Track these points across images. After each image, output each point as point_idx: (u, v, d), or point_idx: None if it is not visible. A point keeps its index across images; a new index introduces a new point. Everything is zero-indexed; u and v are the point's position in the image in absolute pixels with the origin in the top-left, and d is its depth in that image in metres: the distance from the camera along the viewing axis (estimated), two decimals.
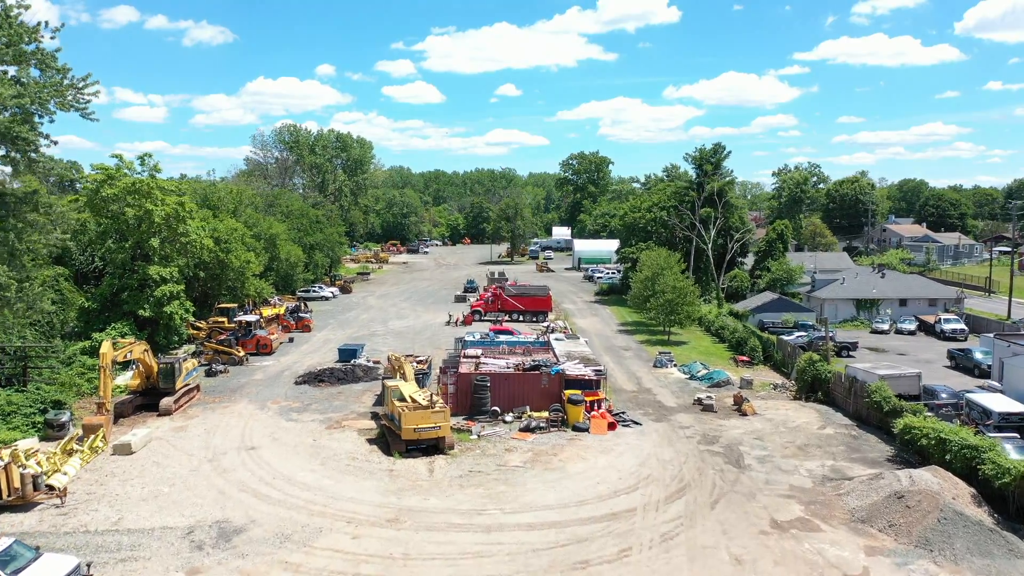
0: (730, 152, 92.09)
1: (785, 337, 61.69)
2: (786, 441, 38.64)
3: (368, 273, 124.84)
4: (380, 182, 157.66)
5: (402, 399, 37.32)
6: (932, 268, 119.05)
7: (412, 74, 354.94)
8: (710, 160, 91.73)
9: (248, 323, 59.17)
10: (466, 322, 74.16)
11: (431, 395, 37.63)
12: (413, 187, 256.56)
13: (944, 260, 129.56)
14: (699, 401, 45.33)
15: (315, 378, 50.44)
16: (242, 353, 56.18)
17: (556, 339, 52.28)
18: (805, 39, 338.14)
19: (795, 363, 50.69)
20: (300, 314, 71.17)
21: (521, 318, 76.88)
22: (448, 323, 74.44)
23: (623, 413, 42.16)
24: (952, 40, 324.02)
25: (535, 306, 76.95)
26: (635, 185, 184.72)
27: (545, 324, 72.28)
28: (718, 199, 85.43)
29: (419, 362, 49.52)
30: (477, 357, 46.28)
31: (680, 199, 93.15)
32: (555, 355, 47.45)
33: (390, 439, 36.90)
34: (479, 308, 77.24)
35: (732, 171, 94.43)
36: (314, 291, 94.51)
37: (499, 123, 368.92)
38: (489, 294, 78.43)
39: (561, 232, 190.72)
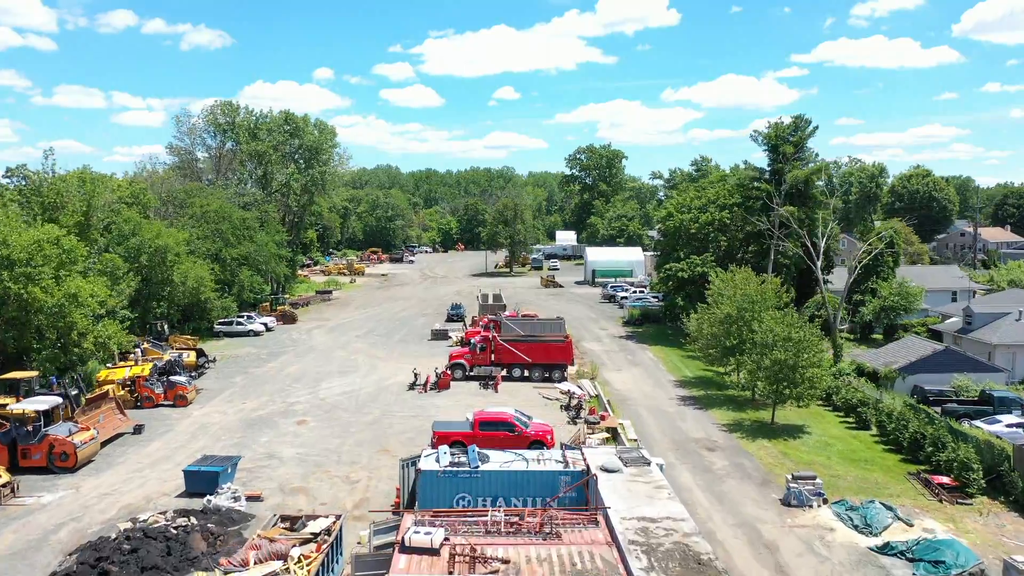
0: (816, 128, 65.65)
1: (989, 427, 35.38)
2: None
3: (331, 291, 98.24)
4: (347, 181, 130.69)
5: None
6: None
7: (410, 77, 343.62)
8: (788, 139, 65.19)
9: (31, 417, 32.48)
10: (440, 385, 47.50)
11: None
12: (402, 188, 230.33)
13: None
14: None
15: (95, 565, 23.67)
16: (3, 479, 29.67)
17: (607, 470, 25.55)
18: (804, 41, 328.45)
19: None
20: (174, 377, 44.31)
21: (527, 373, 50.27)
22: (414, 386, 47.86)
23: None
24: (951, 42, 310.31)
25: (548, 356, 50.08)
26: (657, 182, 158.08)
27: (565, 389, 45.74)
28: (826, 193, 58.79)
29: (319, 536, 22.71)
30: (433, 552, 19.60)
31: (746, 194, 66.73)
32: (613, 536, 20.90)
33: None
34: (462, 360, 50.50)
35: (817, 154, 67.93)
36: (237, 324, 67.91)
37: (497, 126, 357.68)
38: (479, 338, 51.70)
39: (566, 237, 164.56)
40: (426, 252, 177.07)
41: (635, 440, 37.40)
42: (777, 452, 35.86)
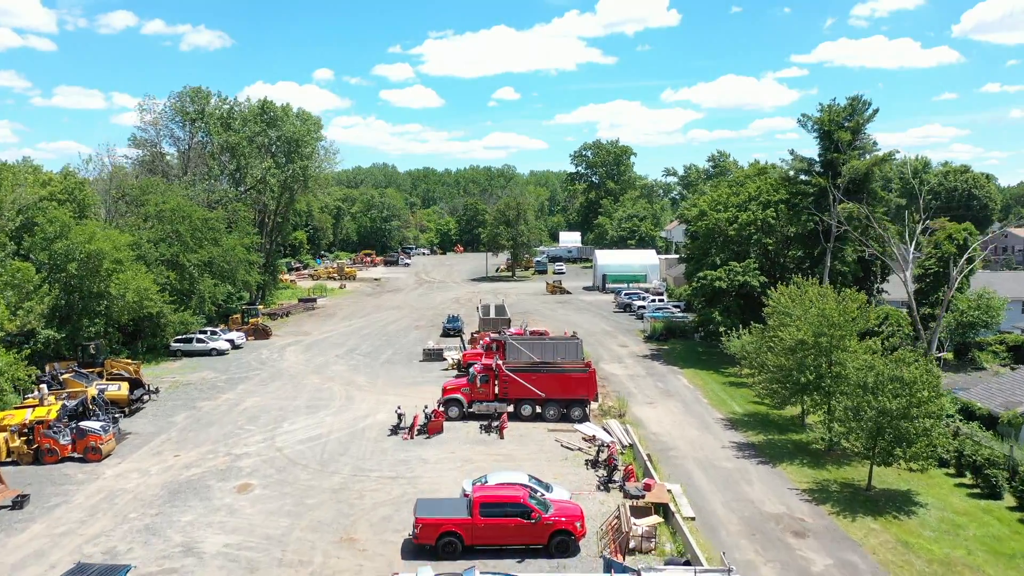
0: (877, 110, 55.70)
1: None
2: None
3: (315, 299, 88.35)
4: (337, 178, 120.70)
5: None
6: None
7: (410, 78, 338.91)
8: (843, 124, 55.25)
9: None
10: (431, 428, 37.53)
11: None
12: (399, 187, 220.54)
13: None
14: None
15: None
16: None
17: None
18: (804, 41, 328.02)
19: None
20: (85, 423, 34.25)
21: (539, 410, 40.29)
22: (397, 429, 37.93)
23: None
24: (950, 42, 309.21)
25: (566, 391, 39.99)
26: (671, 180, 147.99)
27: (590, 433, 35.80)
28: (918, 188, 48.79)
29: None
30: None
31: (793, 189, 56.92)
32: None
33: None
34: (458, 395, 40.49)
35: (875, 142, 57.99)
36: (198, 342, 57.98)
37: (497, 127, 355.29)
38: (480, 367, 41.60)
39: (570, 238, 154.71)
40: (423, 254, 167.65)
41: (692, 519, 27.62)
42: (893, 540, 25.91)
